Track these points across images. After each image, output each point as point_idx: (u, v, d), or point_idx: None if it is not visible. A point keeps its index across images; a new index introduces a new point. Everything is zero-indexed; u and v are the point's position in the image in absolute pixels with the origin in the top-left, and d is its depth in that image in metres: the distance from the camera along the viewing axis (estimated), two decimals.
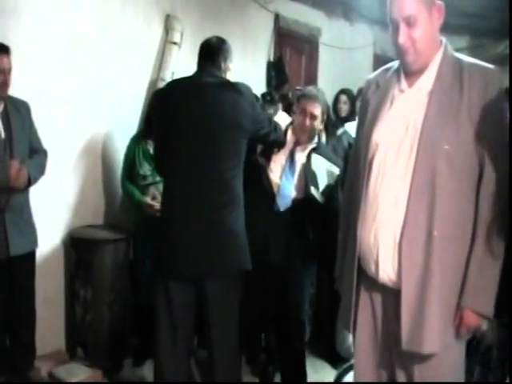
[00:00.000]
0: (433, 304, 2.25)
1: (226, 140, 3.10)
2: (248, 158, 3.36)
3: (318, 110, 3.61)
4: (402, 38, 2.28)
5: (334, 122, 5.14)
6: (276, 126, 3.53)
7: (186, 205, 3.09)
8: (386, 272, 2.33)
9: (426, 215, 2.23)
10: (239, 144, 3.16)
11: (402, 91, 2.40)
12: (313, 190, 3.56)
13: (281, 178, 3.58)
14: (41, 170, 3.77)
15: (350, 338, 3.67)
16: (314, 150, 3.67)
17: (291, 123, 3.76)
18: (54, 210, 4.24)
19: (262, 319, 3.85)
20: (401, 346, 2.30)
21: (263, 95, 5.17)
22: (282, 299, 3.66)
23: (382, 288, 2.41)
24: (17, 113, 3.67)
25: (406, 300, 2.27)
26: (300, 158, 3.65)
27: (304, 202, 3.57)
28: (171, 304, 3.15)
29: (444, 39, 2.39)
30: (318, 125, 3.66)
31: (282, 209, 3.54)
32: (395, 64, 2.52)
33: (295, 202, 3.56)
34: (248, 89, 3.24)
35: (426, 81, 2.33)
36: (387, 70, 2.56)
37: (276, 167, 3.63)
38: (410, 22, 2.25)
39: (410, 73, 2.39)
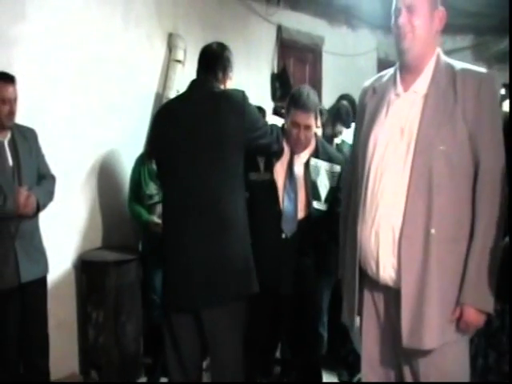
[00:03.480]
0: (432, 301, 2.29)
1: (215, 157, 2.96)
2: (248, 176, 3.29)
3: (311, 120, 3.36)
4: (403, 20, 2.36)
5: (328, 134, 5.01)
6: (278, 135, 3.31)
7: (179, 234, 3.00)
8: (387, 271, 2.39)
9: (423, 213, 2.29)
10: (230, 158, 2.99)
11: (397, 95, 2.46)
12: (315, 204, 3.42)
13: (283, 198, 3.38)
14: (49, 196, 3.79)
15: None
16: (312, 155, 3.47)
17: (282, 128, 3.48)
18: (63, 234, 4.26)
19: (276, 331, 3.78)
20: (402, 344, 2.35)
21: (275, 108, 5.15)
22: (298, 314, 3.53)
23: (384, 289, 2.47)
24: (24, 140, 3.70)
25: (405, 297, 2.32)
26: (299, 169, 3.44)
27: (310, 222, 3.42)
28: (175, 335, 3.10)
29: (438, 48, 2.47)
30: (313, 131, 3.44)
31: (288, 234, 3.36)
32: (391, 70, 2.59)
33: (302, 223, 3.40)
34: (238, 95, 3.04)
35: (421, 84, 2.40)
36: (383, 76, 2.64)
37: (279, 183, 3.41)
38: (411, 10, 2.35)
39: (405, 71, 2.47)
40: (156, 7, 5.04)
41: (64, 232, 4.27)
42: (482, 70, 2.39)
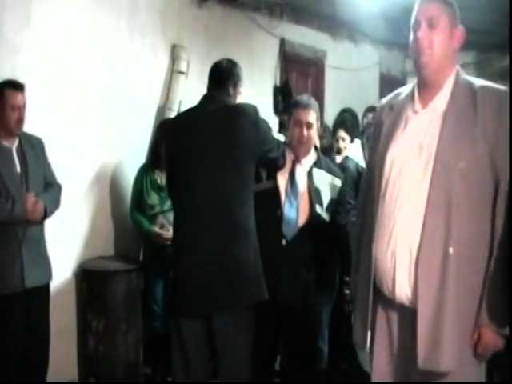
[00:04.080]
0: (450, 322, 2.25)
1: (230, 168, 3.06)
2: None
3: (313, 118, 3.50)
4: (422, 34, 2.35)
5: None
6: (283, 151, 3.45)
7: (193, 240, 3.07)
8: (403, 290, 2.34)
9: (442, 232, 2.25)
10: (244, 170, 3.10)
11: (415, 112, 2.44)
12: (318, 208, 3.45)
13: (284, 203, 3.44)
14: (55, 204, 3.87)
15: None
16: (314, 164, 3.56)
17: (284, 142, 3.59)
18: (65, 242, 4.26)
19: (275, 340, 3.76)
20: (417, 366, 2.30)
21: (282, 122, 5.17)
22: (297, 328, 3.54)
23: (399, 308, 2.42)
24: (31, 148, 3.79)
25: (422, 317, 2.27)
26: (301, 177, 3.52)
27: (311, 227, 3.46)
28: (183, 340, 3.12)
29: (457, 65, 2.45)
30: (315, 134, 3.55)
31: (289, 237, 3.41)
32: (408, 87, 2.57)
33: (303, 229, 3.44)
34: (252, 109, 3.14)
35: (440, 101, 2.37)
36: (400, 93, 2.61)
37: (281, 191, 3.48)
38: (431, 24, 2.34)
39: (423, 88, 2.44)
40: (161, 18, 5.07)
41: (65, 239, 4.27)
42: (502, 87, 2.35)
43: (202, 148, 3.08)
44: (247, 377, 3.16)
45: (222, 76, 3.22)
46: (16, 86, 3.63)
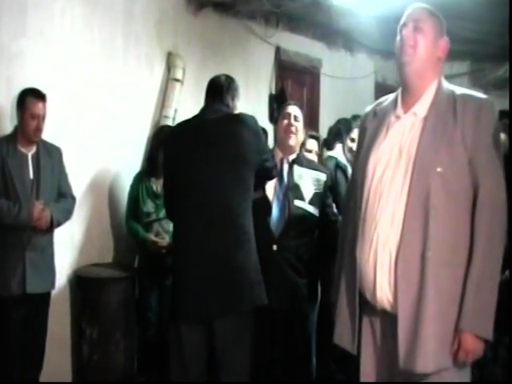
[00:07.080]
0: (428, 324, 2.26)
1: (232, 175, 3.10)
2: None
3: (299, 113, 3.71)
4: (407, 32, 2.42)
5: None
6: (275, 162, 3.51)
7: (195, 246, 3.08)
8: (384, 292, 2.36)
9: (420, 235, 2.28)
10: (245, 177, 3.14)
11: (397, 117, 2.48)
12: (297, 202, 3.54)
13: (272, 202, 3.56)
14: (65, 215, 3.93)
15: None
16: (294, 161, 3.67)
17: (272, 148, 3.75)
18: (59, 249, 4.21)
19: (271, 354, 3.76)
20: (399, 367, 2.32)
21: None
22: (288, 339, 3.58)
23: (381, 314, 2.45)
24: (48, 157, 3.86)
25: (402, 318, 2.30)
26: (285, 171, 3.66)
27: (296, 222, 3.53)
28: (183, 346, 3.11)
29: (441, 75, 2.50)
30: (302, 129, 3.71)
31: (276, 234, 3.50)
32: (392, 95, 2.62)
33: (288, 225, 3.51)
34: (252, 119, 3.24)
35: (422, 107, 2.42)
36: (384, 100, 2.66)
37: (270, 194, 3.60)
38: (417, 27, 2.41)
39: (406, 93, 2.49)
40: (156, 26, 5.09)
41: (60, 246, 4.22)
42: (482, 95, 2.40)
43: (204, 155, 3.11)
44: (246, 379, 3.16)
45: (221, 89, 3.28)
46: (37, 95, 3.72)
